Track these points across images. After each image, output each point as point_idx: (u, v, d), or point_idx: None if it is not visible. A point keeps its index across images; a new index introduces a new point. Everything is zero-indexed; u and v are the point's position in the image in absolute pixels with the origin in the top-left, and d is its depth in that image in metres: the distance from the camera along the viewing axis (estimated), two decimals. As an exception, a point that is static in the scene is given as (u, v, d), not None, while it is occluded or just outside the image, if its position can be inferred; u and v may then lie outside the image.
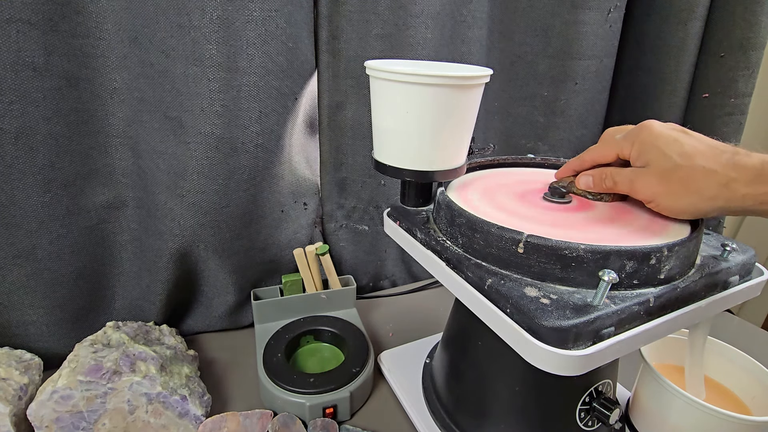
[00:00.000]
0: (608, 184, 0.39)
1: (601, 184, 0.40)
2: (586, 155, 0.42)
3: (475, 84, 0.40)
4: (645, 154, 0.36)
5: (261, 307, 0.62)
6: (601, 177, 0.40)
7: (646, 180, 0.36)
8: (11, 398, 0.44)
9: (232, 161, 0.57)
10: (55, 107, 0.51)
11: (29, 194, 0.52)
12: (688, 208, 0.35)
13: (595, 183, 0.40)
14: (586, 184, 0.41)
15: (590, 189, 0.41)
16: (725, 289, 0.37)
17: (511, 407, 0.43)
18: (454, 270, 0.38)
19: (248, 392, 0.56)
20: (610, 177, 0.39)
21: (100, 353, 0.47)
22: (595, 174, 0.41)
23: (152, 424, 0.47)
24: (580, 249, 0.32)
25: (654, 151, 0.35)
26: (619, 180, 0.38)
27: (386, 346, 0.62)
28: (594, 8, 0.74)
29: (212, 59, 0.52)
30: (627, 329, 0.32)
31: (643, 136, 0.36)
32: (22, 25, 0.47)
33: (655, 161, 0.35)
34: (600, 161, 0.41)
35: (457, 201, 0.41)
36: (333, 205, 0.74)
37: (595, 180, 0.41)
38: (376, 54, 0.64)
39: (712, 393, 0.47)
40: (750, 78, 0.75)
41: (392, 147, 0.43)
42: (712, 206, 0.33)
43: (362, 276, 0.78)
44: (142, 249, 0.62)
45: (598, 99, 0.83)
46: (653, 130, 0.36)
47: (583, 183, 0.42)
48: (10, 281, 0.53)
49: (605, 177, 0.39)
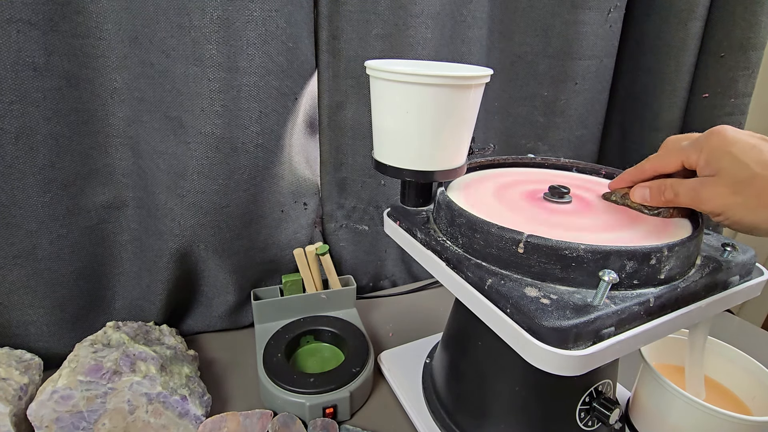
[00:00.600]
0: (668, 196, 0.36)
1: (659, 197, 0.36)
2: (647, 164, 0.38)
3: (475, 84, 0.40)
4: (716, 161, 0.32)
5: (261, 307, 0.62)
6: (660, 189, 0.36)
7: (716, 190, 0.32)
8: (11, 398, 0.44)
9: (232, 161, 0.57)
10: (55, 107, 0.51)
11: (29, 194, 0.52)
12: (765, 223, 0.31)
13: (653, 195, 0.37)
14: (642, 197, 0.38)
15: (646, 202, 0.38)
16: (725, 289, 0.37)
17: (511, 407, 0.43)
18: (454, 270, 0.38)
19: (248, 392, 0.56)
20: (671, 189, 0.35)
21: (100, 353, 0.47)
22: (653, 186, 0.37)
23: (152, 424, 0.47)
24: (580, 249, 0.32)
25: (727, 158, 0.32)
26: (681, 191, 0.35)
27: (386, 346, 0.62)
28: (594, 8, 0.74)
29: (212, 59, 0.52)
30: (627, 329, 0.32)
31: (715, 141, 0.33)
32: (22, 25, 0.47)
33: (727, 169, 0.32)
34: (662, 171, 0.37)
35: (457, 201, 0.41)
36: (333, 205, 0.74)
37: (652, 192, 0.37)
38: (376, 54, 0.64)
39: (712, 393, 0.47)
40: (750, 78, 0.75)
41: (392, 147, 0.43)
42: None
43: (362, 276, 0.78)
44: (142, 249, 0.62)
45: (598, 99, 0.83)
46: (727, 136, 0.32)
47: (638, 196, 0.38)
48: (10, 281, 0.53)
49: (665, 189, 0.36)
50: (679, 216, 0.38)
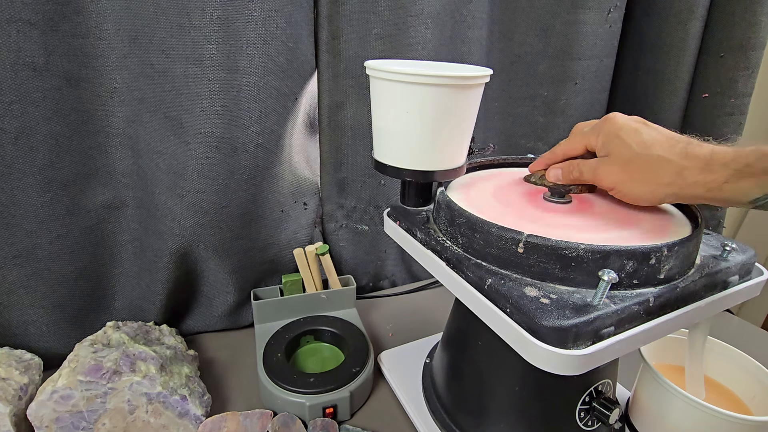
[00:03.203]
0: (575, 174, 0.41)
1: (568, 176, 0.41)
2: (558, 148, 0.43)
3: (475, 84, 0.40)
4: (608, 144, 0.38)
5: (261, 307, 0.62)
6: (569, 169, 0.41)
7: (609, 168, 0.38)
8: (11, 398, 0.44)
9: (232, 161, 0.57)
10: (55, 107, 0.51)
11: (29, 194, 0.52)
12: (646, 194, 0.37)
13: (564, 175, 0.42)
14: (555, 177, 0.43)
15: (559, 181, 0.42)
16: (725, 289, 0.37)
17: (511, 407, 0.43)
18: (454, 270, 0.38)
19: (248, 392, 0.56)
20: (577, 168, 0.40)
21: (100, 353, 0.47)
22: (563, 166, 0.42)
23: (152, 424, 0.47)
24: (580, 249, 0.32)
25: (616, 141, 0.37)
26: (584, 170, 0.40)
27: (386, 346, 0.62)
28: (594, 8, 0.74)
29: (212, 59, 0.52)
30: (627, 329, 0.32)
31: (607, 127, 0.38)
32: (22, 25, 0.47)
33: (616, 150, 0.37)
34: (570, 154, 0.42)
35: (457, 201, 0.41)
36: (333, 205, 0.74)
37: (563, 172, 0.42)
38: (376, 54, 0.64)
39: (712, 393, 0.47)
40: (750, 78, 0.75)
41: (392, 147, 0.43)
42: (667, 193, 0.35)
43: (362, 276, 0.78)
44: (142, 249, 0.62)
45: (598, 99, 0.83)
46: (616, 122, 0.38)
47: (552, 176, 0.43)
48: (10, 281, 0.53)
49: (572, 169, 0.41)
50: (586, 192, 0.42)
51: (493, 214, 0.39)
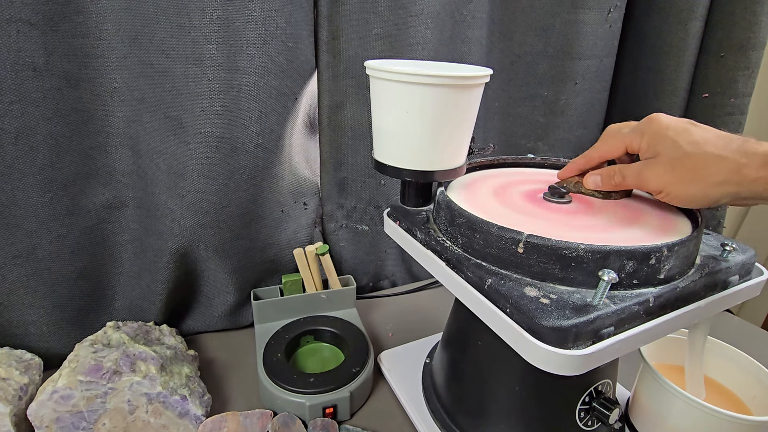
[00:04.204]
0: (617, 180, 0.39)
1: (609, 182, 0.40)
2: (593, 152, 0.41)
3: (475, 84, 0.40)
4: (655, 145, 0.36)
5: (261, 307, 0.62)
6: (609, 174, 0.40)
7: (656, 170, 0.36)
8: (11, 398, 0.44)
9: (232, 161, 0.57)
10: (55, 107, 0.51)
11: (29, 194, 0.52)
12: (698, 195, 0.34)
13: (604, 181, 0.40)
14: (594, 184, 0.41)
15: (599, 188, 0.41)
16: (725, 289, 0.37)
17: (511, 407, 0.43)
18: (454, 270, 0.38)
19: (248, 392, 0.56)
20: (619, 173, 0.39)
21: (100, 353, 0.47)
22: (602, 173, 0.40)
23: (152, 424, 0.47)
24: (580, 249, 0.32)
25: (664, 141, 0.35)
26: (627, 174, 0.38)
27: (386, 346, 0.62)
28: (594, 8, 0.74)
29: (212, 59, 0.52)
30: (627, 329, 0.32)
31: (653, 127, 0.36)
32: (22, 25, 0.47)
33: (665, 151, 0.35)
34: (608, 157, 0.41)
35: (457, 201, 0.41)
36: (333, 205, 0.74)
37: (603, 178, 0.40)
38: (376, 54, 0.64)
39: (712, 393, 0.47)
40: (750, 78, 0.75)
41: (392, 147, 0.43)
42: (723, 192, 0.33)
43: (362, 276, 0.78)
44: (142, 249, 0.62)
45: (598, 99, 0.83)
46: (662, 122, 0.36)
47: (591, 183, 0.41)
48: (10, 281, 0.53)
49: (614, 174, 0.39)
50: (625, 197, 0.41)
51: (493, 214, 0.39)
